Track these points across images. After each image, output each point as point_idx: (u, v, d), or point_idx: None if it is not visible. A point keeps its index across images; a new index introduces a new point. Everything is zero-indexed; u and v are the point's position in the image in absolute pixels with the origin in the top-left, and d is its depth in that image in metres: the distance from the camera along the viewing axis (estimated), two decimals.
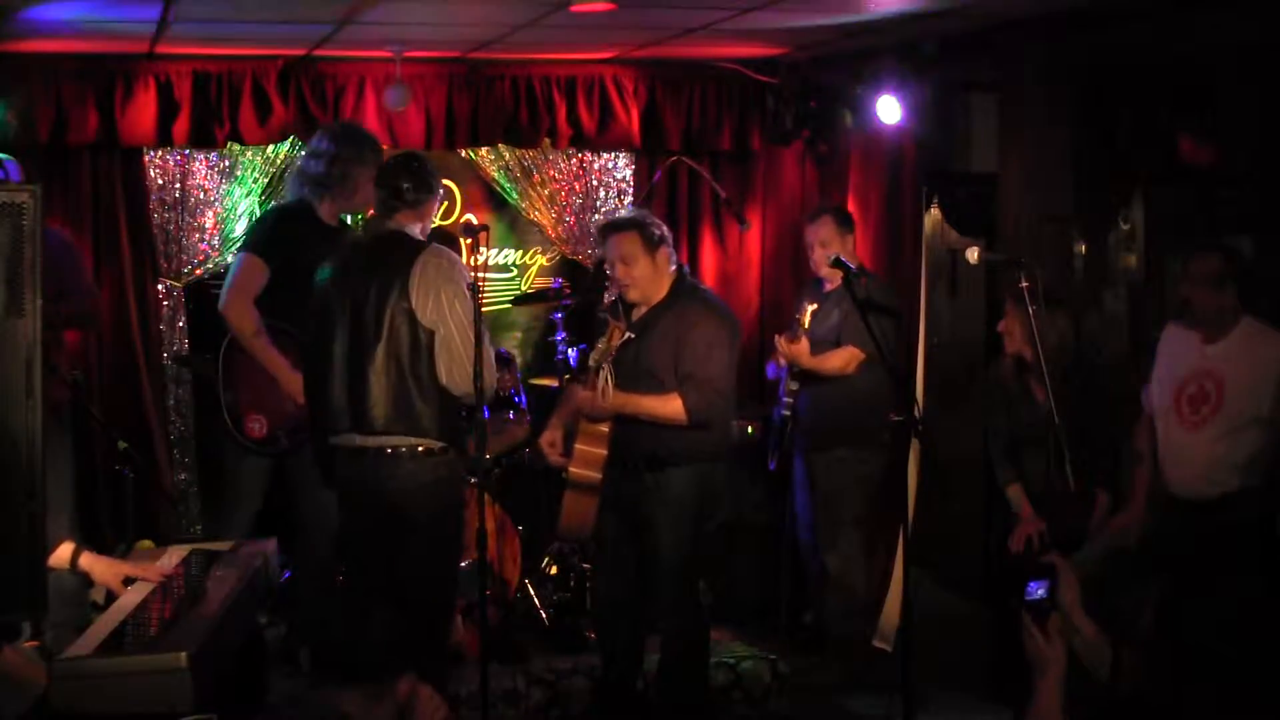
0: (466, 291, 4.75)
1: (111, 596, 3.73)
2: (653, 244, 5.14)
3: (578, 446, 5.15)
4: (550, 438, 5.37)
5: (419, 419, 4.80)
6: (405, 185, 4.91)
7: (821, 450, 6.00)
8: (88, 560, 3.91)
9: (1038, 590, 2.87)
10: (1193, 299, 5.26)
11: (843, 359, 5.86)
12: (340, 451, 4.87)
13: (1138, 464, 5.45)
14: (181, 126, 6.45)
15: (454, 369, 4.77)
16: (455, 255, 4.94)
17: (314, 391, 4.94)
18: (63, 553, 3.80)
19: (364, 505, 4.85)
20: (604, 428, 5.12)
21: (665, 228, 5.23)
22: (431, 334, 4.76)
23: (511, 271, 7.50)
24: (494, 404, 6.05)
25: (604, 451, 5.12)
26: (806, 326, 5.79)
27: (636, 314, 5.23)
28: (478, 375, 4.69)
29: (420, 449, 4.81)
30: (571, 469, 5.17)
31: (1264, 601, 2.52)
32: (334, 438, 4.87)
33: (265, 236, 5.67)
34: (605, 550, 5.42)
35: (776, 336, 5.93)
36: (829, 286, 6.01)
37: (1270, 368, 5.10)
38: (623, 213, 6.10)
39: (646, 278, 5.17)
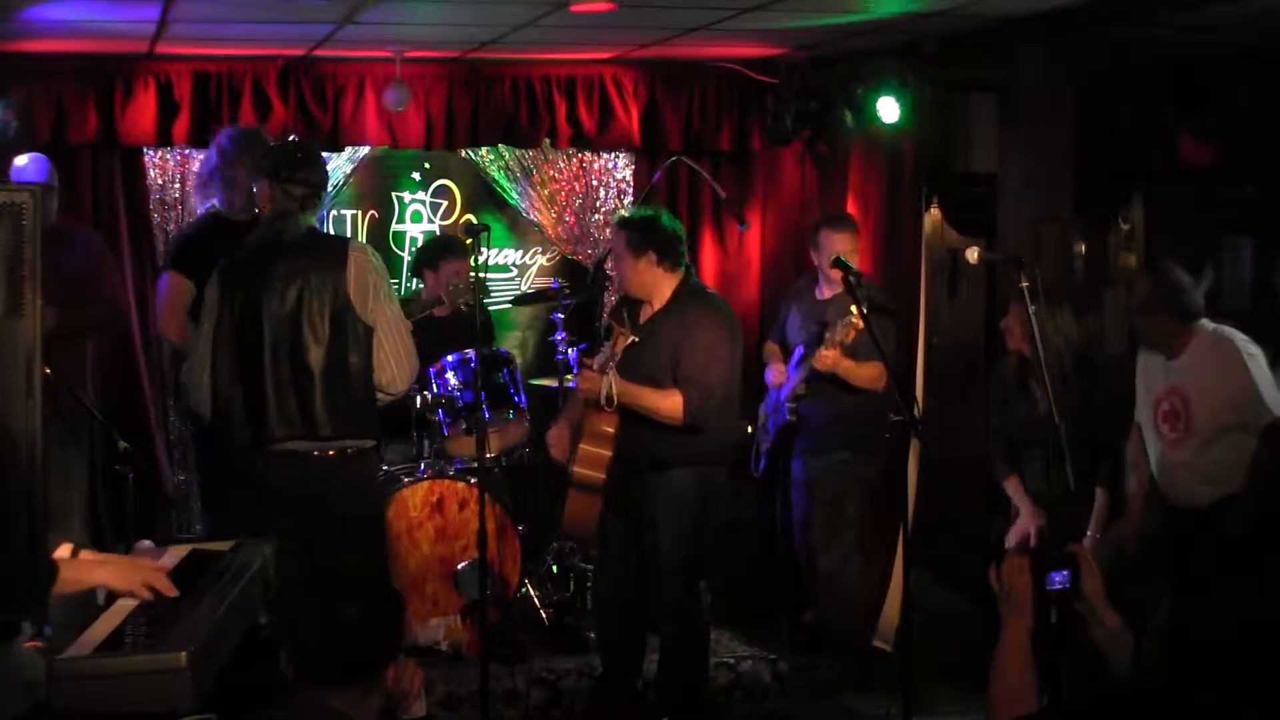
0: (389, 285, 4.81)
1: (111, 596, 3.72)
2: (635, 247, 5.15)
3: (582, 446, 5.16)
4: (559, 432, 5.38)
5: (361, 420, 4.74)
6: (319, 180, 4.84)
7: (822, 453, 5.98)
8: (86, 558, 3.90)
9: (1059, 580, 2.87)
10: (1135, 326, 5.37)
11: (875, 373, 5.73)
12: (279, 456, 4.69)
13: (1132, 473, 5.46)
14: (181, 126, 6.45)
15: (391, 365, 4.72)
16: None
17: (245, 401, 4.68)
18: (62, 554, 3.79)
19: (308, 507, 4.67)
20: (609, 428, 5.13)
21: (671, 232, 5.18)
22: (370, 330, 4.71)
23: (511, 271, 7.50)
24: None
25: (608, 452, 5.13)
26: (849, 340, 5.56)
27: (643, 318, 5.24)
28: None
29: (358, 449, 4.75)
30: (575, 469, 5.18)
31: (1265, 603, 2.52)
32: (275, 445, 4.66)
33: (181, 252, 5.69)
34: (606, 550, 5.43)
35: (821, 352, 5.64)
36: (828, 293, 5.98)
37: (1230, 376, 5.09)
38: (625, 211, 6.11)
39: (629, 277, 5.23)
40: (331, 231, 7.15)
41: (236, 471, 4.79)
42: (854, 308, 5.38)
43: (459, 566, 5.96)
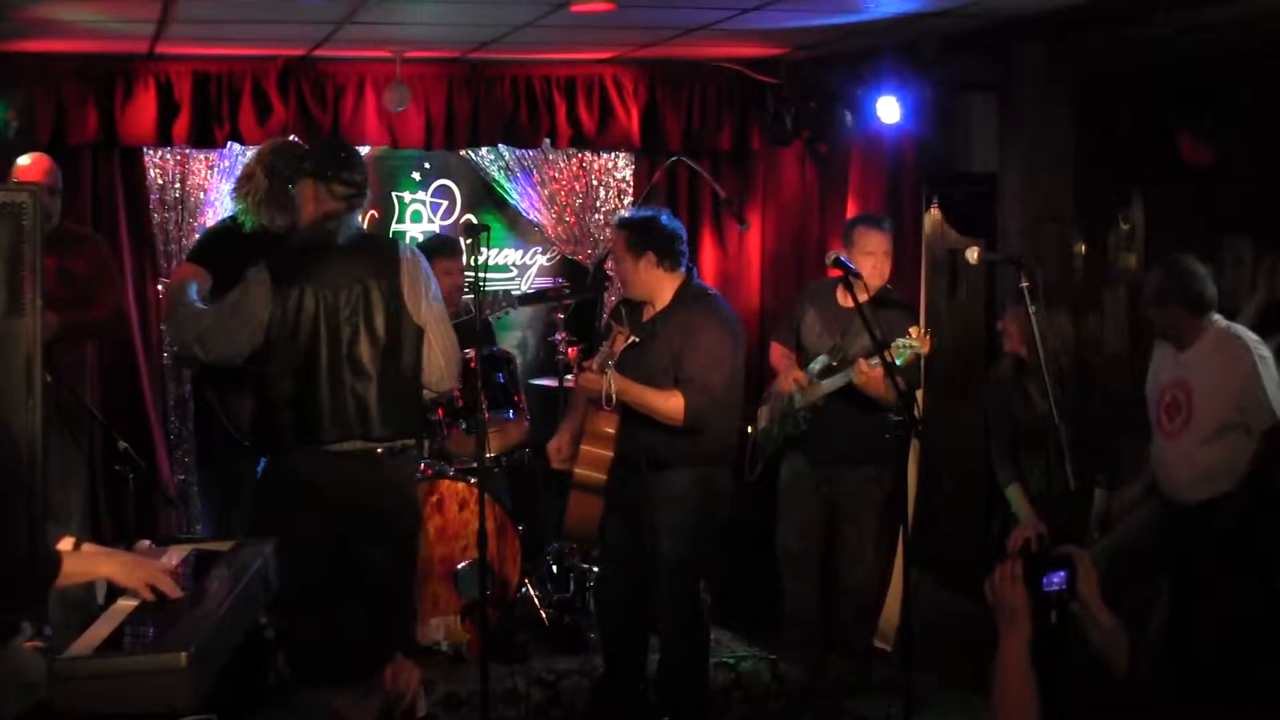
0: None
1: (111, 596, 3.72)
2: (635, 248, 5.15)
3: (584, 447, 5.17)
4: (558, 444, 5.38)
5: (409, 419, 4.76)
6: (363, 179, 4.81)
7: (850, 466, 5.80)
8: (89, 550, 3.89)
9: (1056, 580, 2.86)
10: (1148, 317, 5.38)
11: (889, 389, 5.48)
12: (328, 455, 4.68)
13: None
14: (181, 126, 6.45)
15: (440, 364, 4.76)
16: None
17: (297, 400, 4.65)
18: (64, 547, 3.79)
19: (352, 505, 4.69)
20: (609, 429, 5.14)
21: (670, 232, 5.17)
22: (421, 331, 4.73)
23: (511, 271, 7.50)
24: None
25: (609, 453, 5.14)
26: (908, 364, 5.38)
27: (644, 318, 5.24)
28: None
29: (405, 447, 4.77)
30: (577, 470, 5.19)
31: (1257, 605, 2.52)
32: (327, 445, 4.65)
33: (206, 250, 5.70)
34: (606, 550, 5.43)
35: (861, 361, 5.44)
36: (852, 300, 5.78)
37: (1236, 373, 5.11)
38: (625, 212, 6.10)
39: (629, 278, 5.23)
40: None
41: (275, 471, 4.78)
42: (912, 330, 5.30)
43: (459, 566, 5.96)
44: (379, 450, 4.69)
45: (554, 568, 6.51)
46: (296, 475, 4.68)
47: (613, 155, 7.33)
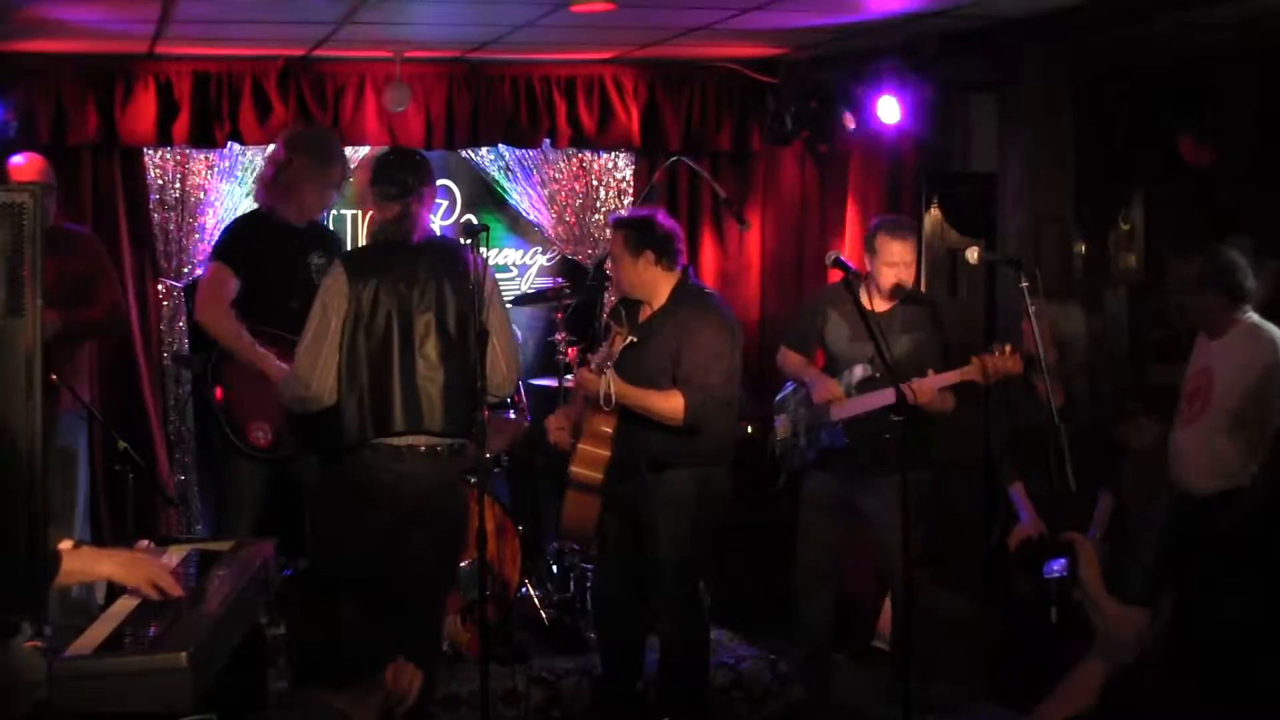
0: None
1: (111, 597, 3.73)
2: (633, 247, 5.15)
3: (581, 446, 5.16)
4: (557, 420, 5.39)
5: (467, 418, 4.80)
6: (413, 177, 4.83)
7: (885, 474, 5.30)
8: (89, 551, 3.89)
9: (1057, 567, 2.85)
10: (1181, 304, 5.38)
11: (950, 398, 5.36)
12: (389, 451, 4.71)
13: None
14: (181, 126, 6.45)
15: (502, 367, 4.80)
16: None
17: (370, 395, 4.68)
18: (65, 548, 3.79)
19: (409, 504, 4.71)
20: (607, 429, 5.13)
21: (668, 231, 5.17)
22: (486, 333, 4.72)
23: (511, 271, 7.50)
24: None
25: (607, 453, 5.13)
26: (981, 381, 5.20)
27: (641, 318, 5.24)
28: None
29: (462, 446, 4.83)
30: (574, 469, 5.18)
31: (1258, 605, 2.51)
32: (391, 440, 4.69)
33: (230, 244, 5.71)
34: (605, 550, 5.43)
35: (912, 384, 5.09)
36: (882, 305, 5.46)
37: (1257, 368, 5.12)
38: (624, 212, 6.10)
39: (627, 278, 5.23)
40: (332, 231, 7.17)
41: (336, 467, 4.79)
42: (1000, 348, 5.14)
43: (459, 566, 5.96)
44: (439, 447, 4.75)
45: (554, 568, 6.51)
46: (359, 471, 4.72)
47: (613, 155, 7.33)
